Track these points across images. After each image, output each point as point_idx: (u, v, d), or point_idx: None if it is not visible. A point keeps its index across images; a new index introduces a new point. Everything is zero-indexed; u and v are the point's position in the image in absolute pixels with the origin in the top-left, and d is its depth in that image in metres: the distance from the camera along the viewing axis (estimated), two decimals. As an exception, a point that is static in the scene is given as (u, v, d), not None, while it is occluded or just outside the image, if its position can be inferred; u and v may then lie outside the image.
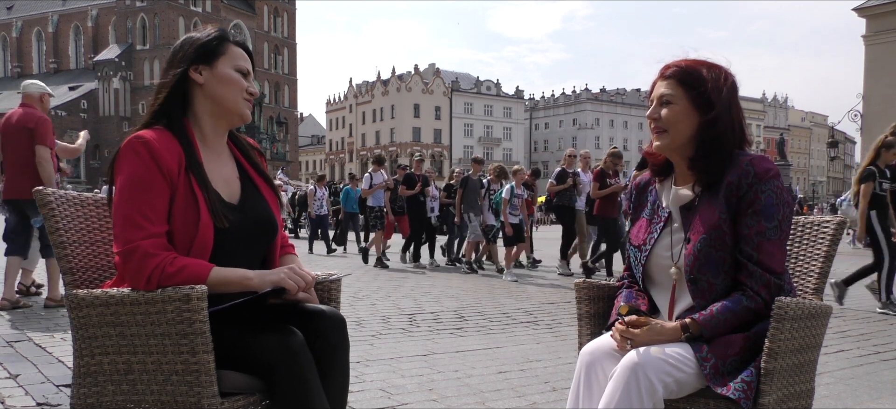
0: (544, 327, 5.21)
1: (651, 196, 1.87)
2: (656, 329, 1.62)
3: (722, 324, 1.60)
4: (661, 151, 1.77)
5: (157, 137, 1.63)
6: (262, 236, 1.81)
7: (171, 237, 1.62)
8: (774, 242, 1.62)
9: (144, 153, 1.59)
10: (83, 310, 1.62)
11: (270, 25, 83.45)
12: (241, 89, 1.75)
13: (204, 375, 1.54)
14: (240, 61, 1.76)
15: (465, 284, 8.21)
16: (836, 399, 3.29)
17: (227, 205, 1.72)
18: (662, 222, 1.79)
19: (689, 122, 1.70)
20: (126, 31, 76.75)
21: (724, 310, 1.61)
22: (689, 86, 1.69)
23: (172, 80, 1.71)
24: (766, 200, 1.61)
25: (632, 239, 1.87)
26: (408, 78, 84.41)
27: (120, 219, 1.58)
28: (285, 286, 1.61)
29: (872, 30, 26.23)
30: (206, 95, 1.73)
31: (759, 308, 1.62)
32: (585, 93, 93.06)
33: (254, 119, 49.30)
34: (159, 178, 1.59)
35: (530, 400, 3.16)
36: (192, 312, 1.51)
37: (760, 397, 1.56)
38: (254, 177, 1.85)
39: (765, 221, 1.61)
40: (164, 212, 1.60)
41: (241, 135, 1.90)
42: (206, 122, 1.75)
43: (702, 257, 1.64)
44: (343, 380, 1.79)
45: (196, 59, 1.72)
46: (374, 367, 3.72)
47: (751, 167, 1.63)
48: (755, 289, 1.61)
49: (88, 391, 1.64)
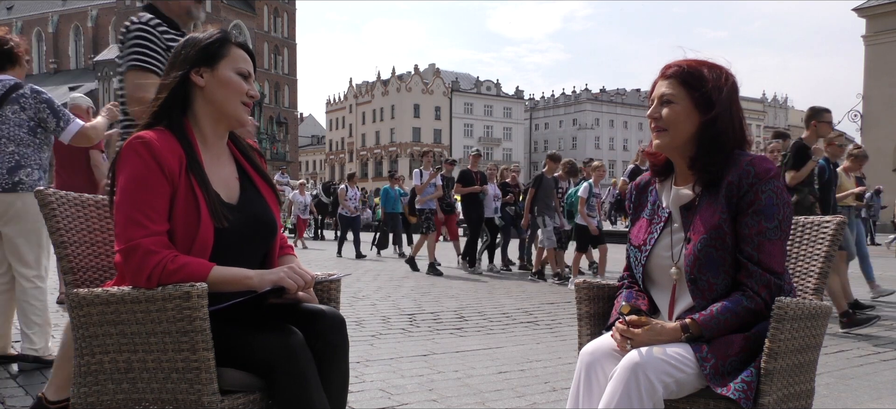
0: (544, 328, 5.21)
1: (651, 196, 1.87)
2: (656, 329, 1.62)
3: (722, 325, 1.60)
4: (661, 150, 1.77)
5: (157, 138, 1.63)
6: (261, 236, 1.82)
7: (172, 237, 1.62)
8: (775, 242, 1.62)
9: (145, 153, 1.60)
10: (84, 309, 1.62)
11: (270, 25, 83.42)
12: (240, 93, 1.75)
13: (204, 373, 1.54)
14: (241, 64, 1.76)
15: (465, 284, 8.21)
16: (836, 399, 3.29)
17: (227, 205, 1.72)
18: (662, 222, 1.79)
19: (689, 121, 1.70)
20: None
21: (723, 310, 1.61)
22: (691, 86, 1.70)
23: (173, 81, 1.71)
24: (766, 201, 1.61)
25: (632, 239, 1.87)
26: (408, 78, 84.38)
27: (122, 218, 1.59)
28: (285, 285, 1.62)
29: (872, 30, 26.23)
30: (206, 98, 1.73)
31: (758, 309, 1.62)
32: (585, 93, 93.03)
33: (254, 118, 49.03)
34: (160, 177, 1.60)
35: (530, 400, 3.16)
36: (193, 310, 1.51)
37: (760, 397, 1.56)
38: (253, 177, 1.85)
39: (765, 221, 1.61)
40: (165, 211, 1.61)
41: (239, 135, 1.90)
42: (205, 123, 1.76)
43: (702, 256, 1.65)
44: (343, 380, 1.79)
45: (198, 61, 1.72)
46: (374, 367, 3.73)
47: (751, 167, 1.63)
48: (755, 289, 1.61)
49: (89, 390, 1.64)
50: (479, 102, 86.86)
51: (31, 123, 3.38)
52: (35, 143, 3.41)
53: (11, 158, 3.32)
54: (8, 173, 3.31)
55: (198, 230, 1.63)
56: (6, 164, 3.31)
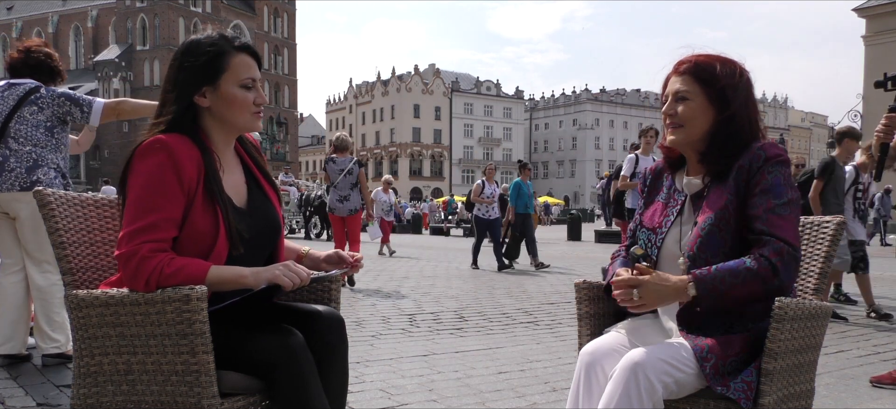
0: (544, 328, 5.21)
1: (667, 181, 1.87)
2: (663, 276, 1.61)
3: (717, 280, 1.56)
4: (675, 146, 1.77)
5: (178, 143, 1.60)
6: (269, 237, 1.82)
7: (186, 247, 1.60)
8: (786, 216, 1.60)
9: (165, 158, 1.57)
10: (83, 310, 1.62)
11: (270, 26, 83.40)
12: (248, 107, 1.70)
13: (204, 375, 1.53)
14: (244, 73, 1.69)
15: (465, 284, 8.20)
16: (835, 400, 3.29)
17: (239, 211, 1.72)
18: (679, 205, 1.79)
19: (704, 117, 1.70)
20: (126, 32, 76.70)
21: (722, 268, 1.57)
22: (705, 82, 1.70)
23: (177, 106, 1.66)
24: (772, 180, 1.61)
25: (645, 221, 1.86)
26: (408, 78, 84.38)
27: (128, 220, 1.57)
28: (280, 283, 1.61)
29: (872, 30, 26.22)
30: (214, 116, 1.70)
31: (763, 271, 1.55)
32: (585, 93, 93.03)
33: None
34: (176, 186, 1.57)
35: (530, 401, 3.15)
36: (192, 312, 1.51)
37: (760, 397, 1.56)
38: (259, 178, 1.85)
39: (773, 198, 1.61)
40: (173, 219, 1.58)
41: (245, 136, 1.89)
42: (216, 135, 1.73)
43: (704, 235, 1.65)
44: (342, 380, 1.80)
45: (200, 82, 1.66)
46: (374, 367, 3.72)
47: (762, 152, 1.64)
48: (765, 254, 1.56)
49: (88, 392, 1.64)
50: (479, 103, 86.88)
51: (48, 124, 3.48)
52: (51, 144, 3.50)
53: (29, 158, 3.41)
54: (27, 172, 3.39)
55: (214, 247, 1.62)
56: (24, 163, 3.40)
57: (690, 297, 1.59)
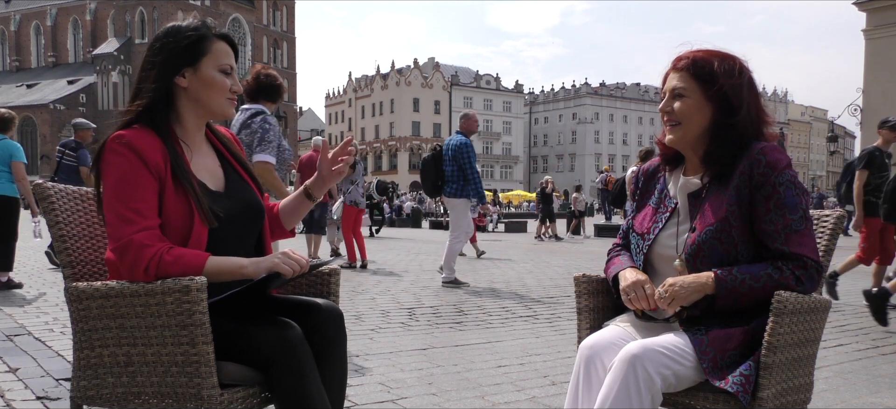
0: (543, 322, 5.22)
1: (659, 184, 1.86)
2: (692, 277, 1.62)
3: (737, 282, 1.59)
4: (673, 145, 1.76)
5: (137, 135, 1.63)
6: (251, 220, 1.83)
7: (166, 232, 1.62)
8: (802, 232, 1.61)
9: (127, 151, 1.60)
10: (83, 302, 1.63)
11: (270, 19, 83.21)
12: (225, 91, 1.74)
13: (203, 366, 1.54)
14: (223, 59, 1.74)
15: (464, 278, 8.20)
16: (834, 393, 3.29)
17: (215, 194, 1.73)
18: (668, 212, 1.78)
19: (702, 115, 1.69)
20: (125, 25, 76.51)
21: (743, 270, 1.60)
22: (702, 79, 1.68)
23: (156, 86, 1.69)
24: (785, 193, 1.60)
25: (635, 226, 1.86)
26: (407, 72, 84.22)
27: (112, 217, 1.59)
28: (280, 271, 1.61)
29: (873, 24, 26.17)
30: (191, 97, 1.73)
31: (785, 280, 1.58)
32: (585, 87, 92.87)
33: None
34: (146, 173, 1.60)
35: (529, 394, 3.16)
36: (192, 303, 1.51)
37: (759, 390, 1.57)
38: (234, 164, 1.86)
39: (789, 213, 1.60)
40: (154, 205, 1.61)
41: (215, 125, 1.90)
42: (189, 120, 1.75)
43: (705, 248, 1.64)
44: (341, 373, 1.80)
45: (181, 63, 1.70)
46: (373, 361, 3.73)
47: (762, 156, 1.62)
48: (790, 268, 1.59)
49: (88, 384, 1.65)
50: (478, 97, 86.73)
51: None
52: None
53: None
54: None
55: (191, 228, 1.63)
56: None
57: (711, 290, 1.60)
